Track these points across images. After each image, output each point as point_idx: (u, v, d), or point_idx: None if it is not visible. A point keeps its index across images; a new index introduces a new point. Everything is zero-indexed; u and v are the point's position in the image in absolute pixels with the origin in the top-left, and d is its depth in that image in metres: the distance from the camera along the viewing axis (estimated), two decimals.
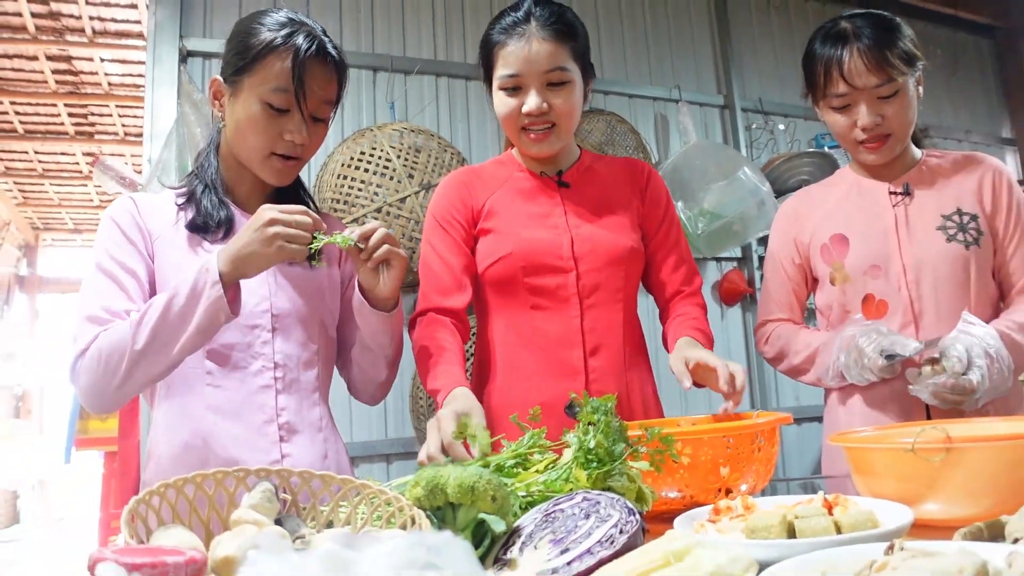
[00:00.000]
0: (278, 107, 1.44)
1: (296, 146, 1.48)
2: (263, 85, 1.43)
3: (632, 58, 3.67)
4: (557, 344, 1.65)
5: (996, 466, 1.02)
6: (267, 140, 1.46)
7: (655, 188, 1.79)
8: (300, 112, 1.46)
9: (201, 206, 1.51)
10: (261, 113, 1.44)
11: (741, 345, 3.69)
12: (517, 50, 1.59)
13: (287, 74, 1.42)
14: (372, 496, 0.91)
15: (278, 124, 1.46)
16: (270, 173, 1.51)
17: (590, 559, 0.74)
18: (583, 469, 1.04)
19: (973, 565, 0.65)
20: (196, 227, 1.50)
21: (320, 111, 1.50)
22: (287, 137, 1.46)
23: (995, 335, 1.54)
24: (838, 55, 1.64)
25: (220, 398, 1.44)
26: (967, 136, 4.50)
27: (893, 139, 1.69)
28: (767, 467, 1.32)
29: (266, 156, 1.48)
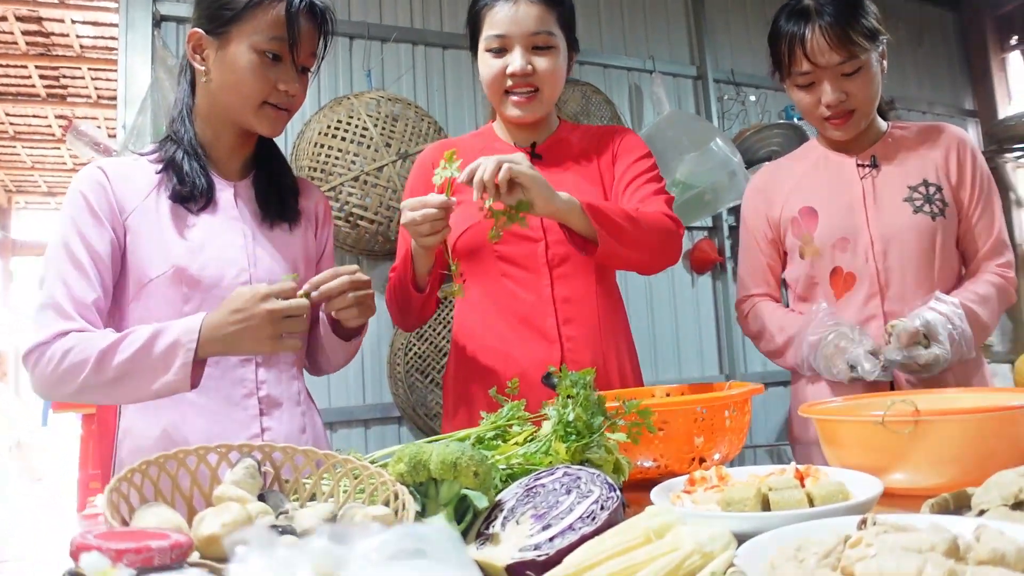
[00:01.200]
0: (272, 55, 1.43)
1: (288, 97, 1.48)
2: (257, 34, 1.42)
3: (607, 29, 3.65)
4: (530, 312, 1.66)
5: (962, 438, 1.05)
6: (261, 88, 1.45)
7: (627, 145, 1.77)
8: (292, 62, 1.45)
9: (183, 173, 1.47)
10: (256, 62, 1.43)
11: (711, 312, 3.73)
12: (505, 11, 1.61)
13: (282, 22, 1.42)
14: (354, 471, 0.92)
15: (272, 72, 1.45)
16: (264, 123, 1.49)
17: (572, 535, 0.75)
18: (562, 442, 1.05)
19: (944, 541, 0.67)
20: (181, 197, 1.47)
21: (308, 62, 1.50)
22: (281, 87, 1.45)
23: (961, 315, 1.57)
24: (800, 33, 1.65)
25: None
26: (931, 108, 4.55)
27: (858, 115, 1.70)
28: (739, 436, 1.35)
29: (259, 105, 1.46)
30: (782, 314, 1.81)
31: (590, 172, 1.74)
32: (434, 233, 1.46)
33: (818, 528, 0.79)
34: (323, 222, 1.69)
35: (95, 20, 5.61)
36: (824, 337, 1.61)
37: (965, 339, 1.56)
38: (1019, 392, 1.19)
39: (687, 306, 3.68)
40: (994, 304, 1.66)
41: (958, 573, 0.61)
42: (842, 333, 1.60)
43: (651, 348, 3.54)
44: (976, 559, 0.66)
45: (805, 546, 0.74)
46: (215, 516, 0.75)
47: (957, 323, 1.56)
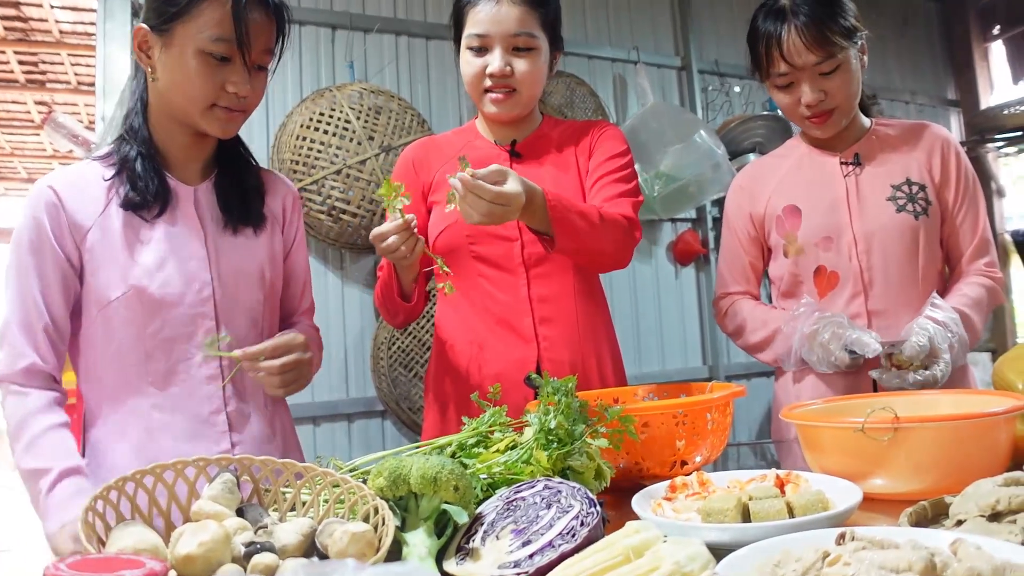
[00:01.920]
0: (220, 56, 1.34)
1: (239, 98, 1.39)
2: (201, 33, 1.32)
3: (591, 19, 3.63)
4: (507, 312, 1.66)
5: (940, 445, 1.06)
6: (208, 92, 1.36)
7: (604, 139, 1.76)
8: (243, 62, 1.36)
9: (136, 176, 1.40)
10: (200, 63, 1.34)
11: (694, 304, 3.74)
12: (487, 10, 1.60)
13: (227, 21, 1.32)
14: (334, 484, 0.91)
15: (219, 74, 1.36)
16: (214, 125, 1.40)
17: (552, 552, 0.75)
18: (544, 450, 1.05)
19: (921, 559, 0.67)
20: (132, 204, 1.40)
21: (262, 59, 1.41)
22: (230, 88, 1.37)
23: (957, 320, 1.58)
24: (777, 34, 1.64)
25: (163, 396, 1.39)
26: (913, 98, 4.55)
27: (838, 113, 1.70)
28: (720, 438, 1.36)
29: (207, 108, 1.38)
30: (763, 310, 1.81)
31: (568, 167, 1.73)
32: (408, 253, 1.45)
33: (797, 542, 0.79)
34: (291, 217, 1.62)
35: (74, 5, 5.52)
36: (821, 327, 1.62)
37: (962, 346, 1.57)
38: (997, 397, 1.20)
39: (671, 298, 3.69)
40: (984, 307, 1.68)
41: None
42: (837, 322, 1.62)
43: (634, 340, 3.55)
44: None
45: (784, 562, 0.74)
46: (192, 535, 0.75)
47: (955, 330, 1.57)
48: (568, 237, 1.49)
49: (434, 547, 0.82)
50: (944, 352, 1.54)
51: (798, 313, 1.69)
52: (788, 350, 1.70)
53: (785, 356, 1.72)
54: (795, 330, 1.67)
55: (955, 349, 1.56)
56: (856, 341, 1.58)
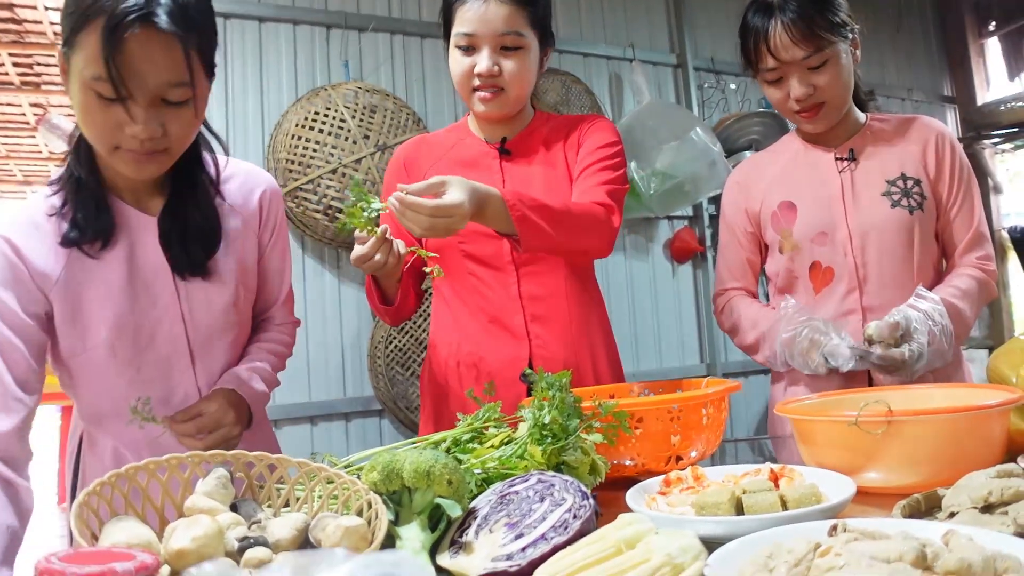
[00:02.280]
0: (107, 97, 1.13)
1: (142, 141, 1.17)
2: (86, 69, 1.11)
3: (586, 16, 3.64)
4: (498, 311, 1.66)
5: (934, 438, 1.06)
6: (103, 134, 1.17)
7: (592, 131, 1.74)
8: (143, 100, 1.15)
9: (76, 214, 1.28)
10: (89, 103, 1.14)
11: (691, 301, 3.75)
12: (474, 9, 1.59)
13: (102, 60, 1.09)
14: (328, 480, 0.91)
15: (112, 115, 1.15)
16: (127, 168, 1.22)
17: (544, 545, 0.76)
18: (538, 445, 1.06)
19: (912, 550, 0.67)
20: (69, 241, 1.28)
21: (172, 94, 1.17)
22: (127, 131, 1.16)
23: (943, 311, 1.57)
24: (764, 29, 1.64)
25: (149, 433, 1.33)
26: (909, 94, 4.56)
27: (828, 107, 1.70)
28: (716, 434, 1.36)
29: (112, 149, 1.19)
30: (755, 310, 1.81)
31: (557, 165, 1.72)
32: (386, 264, 1.42)
33: (789, 534, 0.79)
34: (268, 214, 1.50)
35: None
36: (798, 332, 1.62)
37: (946, 336, 1.56)
38: (991, 390, 1.20)
39: (668, 295, 3.69)
40: (975, 299, 1.67)
41: None
42: (815, 327, 1.60)
43: (632, 338, 3.55)
44: (944, 568, 0.67)
45: (776, 554, 0.74)
46: (185, 529, 0.75)
47: (938, 319, 1.56)
48: (534, 236, 1.46)
49: (428, 541, 0.82)
50: (919, 335, 1.53)
51: (780, 316, 1.68)
52: (774, 353, 1.70)
53: (773, 359, 1.72)
54: (777, 334, 1.67)
55: (936, 337, 1.54)
56: (831, 352, 1.57)
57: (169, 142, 1.21)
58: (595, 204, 1.59)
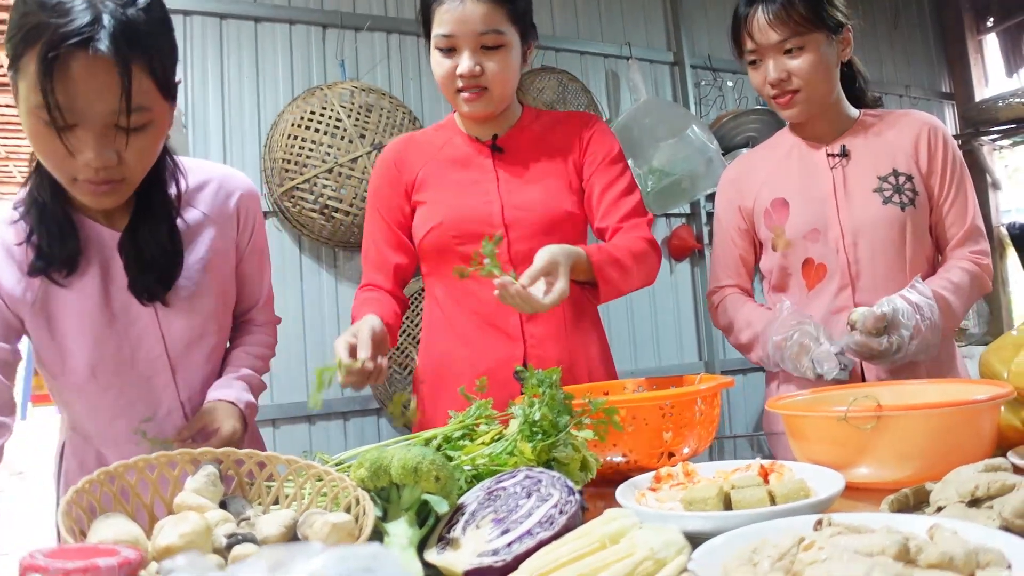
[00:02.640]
0: (58, 126, 1.06)
1: (97, 171, 1.11)
2: (29, 95, 1.05)
3: (583, 14, 3.64)
4: (493, 311, 1.65)
5: (923, 433, 1.06)
6: (61, 166, 1.12)
7: (597, 141, 1.75)
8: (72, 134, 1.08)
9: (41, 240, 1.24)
10: (38, 132, 1.08)
11: (690, 300, 3.75)
12: (452, 9, 1.56)
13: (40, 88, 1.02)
14: (317, 477, 0.92)
15: (62, 144, 1.08)
16: (86, 199, 1.18)
17: (530, 540, 0.76)
18: (528, 442, 1.06)
19: (895, 543, 0.67)
20: (37, 271, 1.25)
21: (123, 121, 1.09)
22: (79, 160, 1.10)
23: (933, 305, 1.56)
24: (747, 13, 1.71)
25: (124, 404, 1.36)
26: (907, 91, 4.56)
27: (803, 95, 1.70)
28: (709, 429, 1.36)
29: (70, 181, 1.14)
30: (750, 309, 1.80)
31: (554, 164, 1.71)
32: None
33: (775, 529, 0.79)
34: (245, 219, 1.47)
35: None
36: (788, 336, 1.62)
37: (934, 330, 1.56)
38: (982, 385, 1.20)
39: (666, 293, 3.69)
40: (967, 293, 1.66)
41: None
42: (805, 332, 1.60)
43: (630, 336, 3.55)
44: (926, 561, 0.67)
45: (761, 548, 0.74)
46: (173, 526, 0.75)
47: (927, 313, 1.55)
48: (611, 288, 1.58)
49: (415, 537, 0.83)
50: (904, 328, 1.53)
51: (773, 318, 1.69)
52: (767, 354, 1.70)
53: (766, 359, 1.72)
54: (769, 336, 1.68)
55: (921, 331, 1.54)
56: (818, 359, 1.58)
57: (126, 171, 1.15)
58: (645, 241, 1.65)
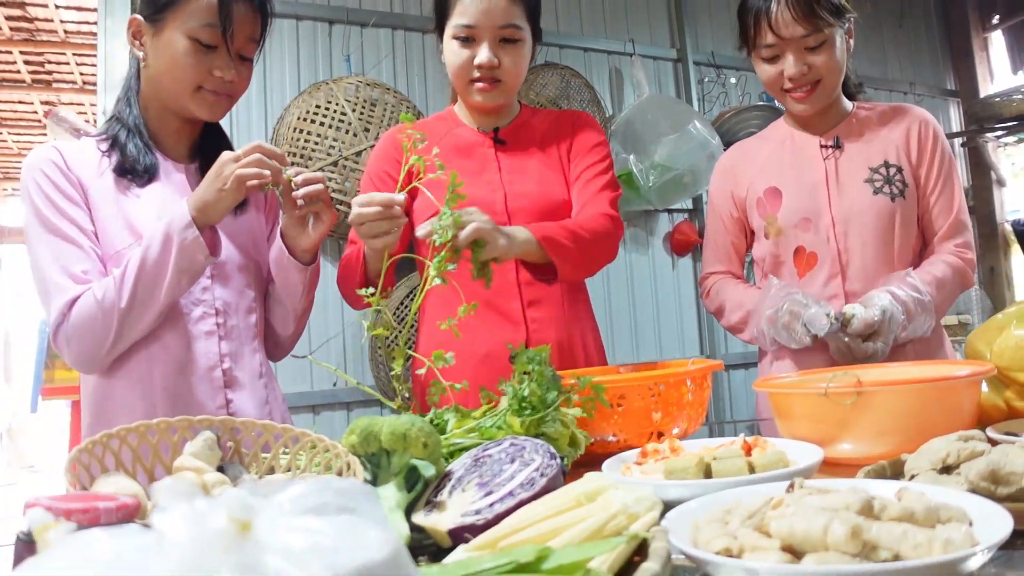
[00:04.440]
0: (206, 43, 1.45)
1: (225, 83, 1.49)
2: (190, 21, 1.43)
3: (587, 12, 3.67)
4: (495, 296, 1.68)
5: (902, 408, 1.09)
6: (196, 75, 1.47)
7: (583, 134, 1.80)
8: (227, 49, 1.47)
9: (126, 151, 1.50)
10: (189, 48, 1.44)
11: (692, 294, 3.77)
12: (475, 1, 1.62)
13: (214, 10, 1.43)
14: (311, 444, 0.95)
15: (206, 60, 1.46)
16: (201, 107, 1.50)
17: (511, 500, 0.79)
18: (517, 416, 1.09)
19: (859, 500, 0.70)
20: (123, 171, 1.49)
21: (246, 49, 1.52)
22: (216, 73, 1.47)
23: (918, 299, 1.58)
24: (767, 6, 1.69)
25: (163, 346, 1.45)
26: (912, 88, 4.56)
27: (822, 87, 1.72)
28: (699, 411, 1.39)
29: (195, 90, 1.48)
30: (740, 291, 1.84)
31: (550, 158, 1.77)
32: (379, 236, 1.41)
33: (752, 493, 0.82)
34: (272, 203, 1.71)
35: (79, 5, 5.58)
36: (779, 308, 1.64)
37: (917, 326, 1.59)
38: (961, 364, 1.23)
39: (668, 288, 3.71)
40: (950, 288, 1.68)
41: (863, 528, 0.64)
42: (795, 300, 1.63)
43: (631, 331, 3.58)
44: (888, 516, 0.70)
45: (735, 509, 0.78)
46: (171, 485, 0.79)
47: (913, 308, 1.58)
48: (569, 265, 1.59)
49: (403, 500, 0.86)
50: (891, 333, 1.56)
51: (763, 295, 1.71)
52: (761, 331, 1.72)
53: (760, 337, 1.74)
54: (761, 312, 1.70)
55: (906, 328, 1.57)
56: (810, 319, 1.59)
57: (234, 89, 1.52)
58: (603, 216, 1.66)
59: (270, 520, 0.43)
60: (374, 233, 1.40)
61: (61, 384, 4.62)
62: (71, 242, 1.41)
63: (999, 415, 1.25)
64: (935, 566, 0.60)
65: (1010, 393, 1.25)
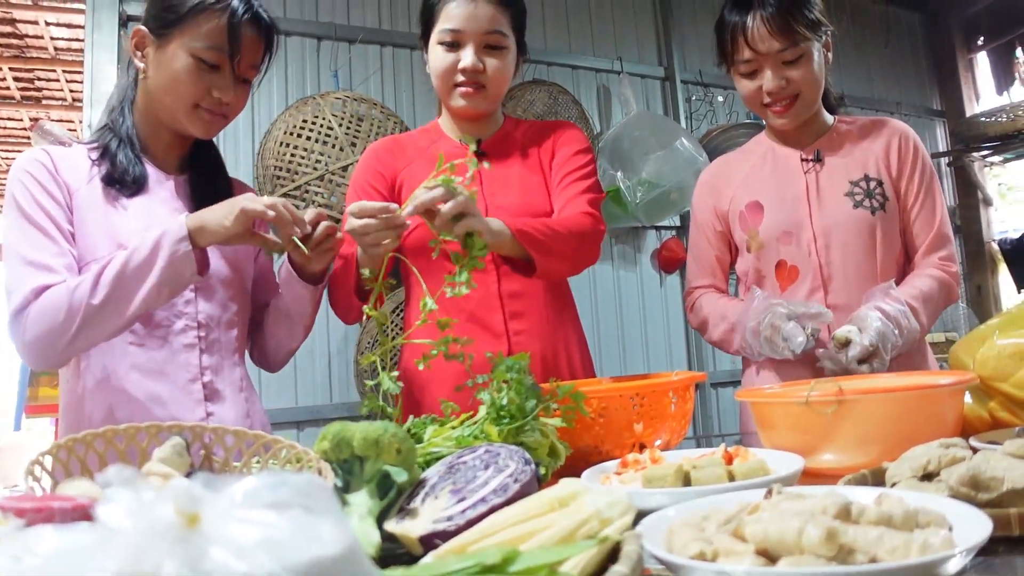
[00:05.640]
0: (210, 63, 1.45)
1: (222, 104, 1.49)
2: (197, 41, 1.44)
3: (575, 29, 3.69)
4: (477, 308, 1.67)
5: (883, 417, 1.08)
6: (195, 93, 1.47)
7: (565, 139, 1.80)
8: (231, 71, 1.47)
9: (116, 160, 1.49)
10: (192, 67, 1.45)
11: (679, 311, 3.76)
12: (461, 7, 1.64)
13: (222, 33, 1.44)
14: (283, 450, 0.93)
15: (207, 80, 1.46)
16: (196, 124, 1.50)
17: (483, 506, 0.78)
18: (495, 425, 1.08)
19: (836, 504, 0.69)
20: (111, 180, 1.48)
21: (248, 73, 1.53)
22: (215, 94, 1.47)
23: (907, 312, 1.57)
24: (743, 21, 1.68)
25: (144, 357, 1.44)
26: (898, 109, 4.59)
27: (801, 100, 1.72)
28: (682, 424, 1.37)
29: (192, 107, 1.48)
30: (723, 304, 1.82)
31: (533, 167, 1.76)
32: (377, 244, 1.40)
33: (730, 500, 0.81)
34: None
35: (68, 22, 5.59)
36: (761, 320, 1.64)
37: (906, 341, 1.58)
38: (943, 374, 1.22)
39: (655, 305, 3.71)
40: (935, 302, 1.67)
41: (839, 532, 0.63)
42: (777, 313, 1.62)
43: (619, 347, 3.57)
44: (866, 521, 0.69)
45: (712, 515, 0.76)
46: None
47: (903, 323, 1.57)
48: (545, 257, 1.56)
49: (375, 508, 0.84)
50: (887, 354, 1.54)
51: (747, 307, 1.70)
52: (746, 343, 1.71)
53: (746, 348, 1.73)
54: (745, 324, 1.69)
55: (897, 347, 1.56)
56: (788, 335, 1.57)
57: (230, 110, 1.52)
58: (583, 215, 1.64)
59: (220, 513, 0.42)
60: (375, 241, 1.40)
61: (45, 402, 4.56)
62: (47, 236, 1.39)
63: (983, 426, 1.24)
64: (912, 568, 0.59)
65: (994, 404, 1.24)
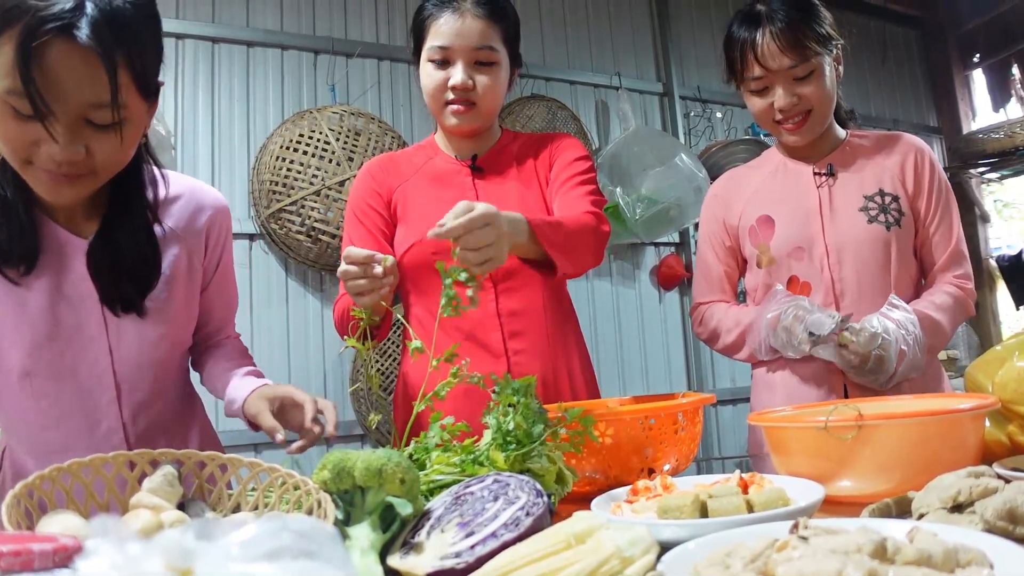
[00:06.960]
0: (22, 112, 1.02)
1: (58, 163, 1.06)
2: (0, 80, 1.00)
3: (574, 45, 3.67)
4: (475, 328, 1.63)
5: (905, 442, 1.04)
6: (16, 149, 1.06)
7: (563, 147, 1.76)
8: (55, 120, 1.02)
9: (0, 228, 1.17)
10: (4, 117, 1.03)
11: (679, 328, 3.73)
12: (449, 23, 1.60)
13: (14, 71, 0.98)
14: (280, 480, 0.89)
15: (29, 132, 1.03)
16: (41, 189, 1.11)
17: (494, 542, 0.73)
18: (501, 451, 1.03)
19: (872, 542, 0.65)
20: None
21: (96, 116, 1.05)
22: (43, 151, 1.05)
23: (915, 320, 1.56)
24: (752, 38, 1.65)
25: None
26: (896, 125, 4.59)
27: (814, 116, 1.69)
28: (690, 447, 1.33)
29: (24, 165, 1.08)
30: (736, 310, 1.80)
31: (529, 179, 1.72)
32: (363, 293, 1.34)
33: (752, 534, 0.77)
34: (214, 240, 1.41)
35: None
36: (784, 310, 1.61)
37: (919, 345, 1.55)
38: (964, 397, 1.18)
39: (654, 322, 3.68)
40: (952, 314, 1.65)
41: (879, 572, 0.59)
42: (800, 305, 1.60)
43: (618, 364, 3.53)
44: (903, 560, 0.65)
45: (736, 551, 0.72)
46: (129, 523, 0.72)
47: (911, 328, 1.55)
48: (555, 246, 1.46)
49: (378, 541, 0.80)
50: (892, 363, 1.53)
51: (768, 299, 1.68)
52: (759, 339, 1.68)
53: (758, 348, 1.70)
54: (763, 315, 1.66)
55: (905, 355, 1.54)
56: (814, 322, 1.56)
57: (94, 165, 1.10)
58: (587, 213, 1.60)
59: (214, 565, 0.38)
60: (358, 291, 1.35)
61: None
62: None
63: (1002, 451, 1.20)
64: None
65: (1013, 427, 1.20)
